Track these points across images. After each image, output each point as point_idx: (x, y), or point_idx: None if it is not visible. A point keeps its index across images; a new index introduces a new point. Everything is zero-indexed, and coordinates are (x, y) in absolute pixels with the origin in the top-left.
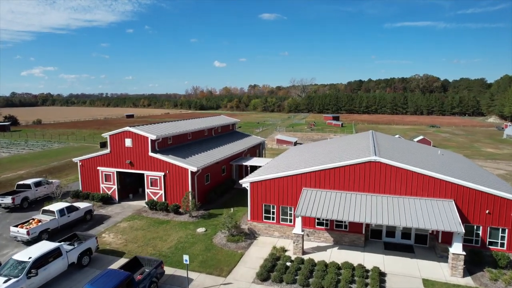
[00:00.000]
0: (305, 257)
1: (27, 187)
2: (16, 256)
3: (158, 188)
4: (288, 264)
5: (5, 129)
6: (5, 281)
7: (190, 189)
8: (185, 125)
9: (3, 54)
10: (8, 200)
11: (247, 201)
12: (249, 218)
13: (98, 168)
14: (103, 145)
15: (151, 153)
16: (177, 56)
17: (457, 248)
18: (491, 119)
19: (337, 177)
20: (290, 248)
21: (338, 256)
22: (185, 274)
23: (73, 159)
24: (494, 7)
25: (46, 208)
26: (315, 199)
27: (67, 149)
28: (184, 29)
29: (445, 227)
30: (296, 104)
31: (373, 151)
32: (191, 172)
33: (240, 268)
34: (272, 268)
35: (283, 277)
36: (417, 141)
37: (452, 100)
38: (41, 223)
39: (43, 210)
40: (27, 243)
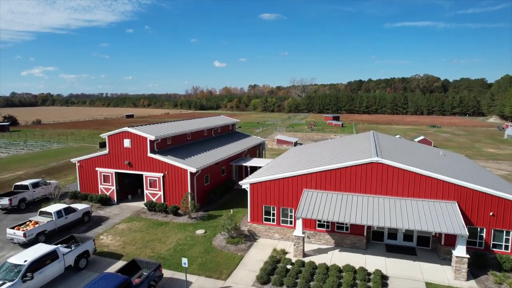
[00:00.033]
0: (305, 260)
1: (25, 188)
2: (11, 259)
3: (157, 189)
4: (289, 267)
5: (4, 129)
6: (0, 285)
7: (189, 190)
8: (184, 125)
9: (3, 54)
10: (5, 201)
11: (247, 202)
12: (249, 219)
13: (96, 169)
14: (103, 145)
15: (150, 154)
16: (177, 56)
17: (460, 251)
18: (492, 119)
19: (338, 179)
20: (291, 250)
21: (339, 258)
22: (184, 277)
23: (71, 159)
24: (494, 7)
25: (43, 209)
26: (316, 201)
27: (66, 149)
28: (184, 29)
29: (448, 229)
30: (296, 104)
31: (374, 152)
32: (191, 173)
33: (239, 271)
34: (273, 271)
35: (283, 280)
36: (418, 141)
37: (453, 100)
38: (38, 225)
39: (40, 211)
40: (24, 245)
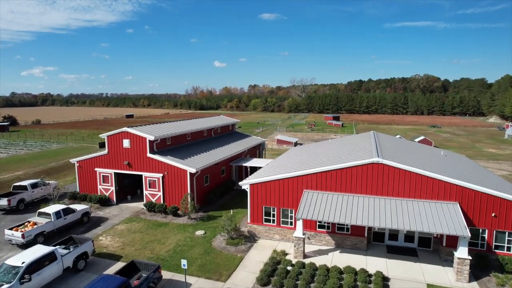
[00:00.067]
0: (306, 261)
1: (24, 188)
2: (8, 261)
3: (157, 189)
4: (289, 268)
5: (4, 129)
6: None
7: (189, 190)
8: (184, 125)
9: (3, 54)
10: (3, 202)
11: (247, 202)
12: (249, 220)
13: (95, 169)
14: (102, 145)
15: (149, 154)
16: (177, 56)
17: (462, 252)
18: (492, 119)
19: (339, 179)
20: (291, 251)
21: (340, 260)
22: (183, 279)
23: (70, 160)
24: (494, 7)
25: (42, 210)
26: (317, 202)
27: (66, 149)
28: (184, 29)
29: (450, 231)
30: (296, 104)
31: (375, 153)
32: (190, 173)
33: (239, 273)
34: (273, 272)
35: (283, 282)
36: (418, 141)
37: (453, 100)
38: (36, 226)
39: (39, 212)
40: (22, 246)
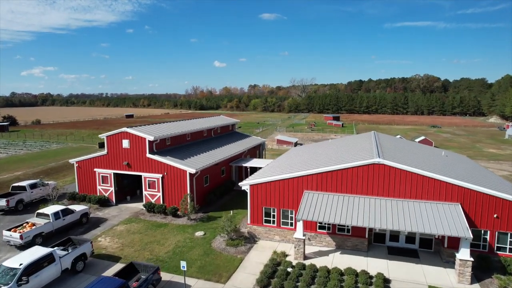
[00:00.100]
0: (306, 263)
1: (22, 189)
2: (6, 263)
3: (156, 190)
4: (289, 270)
5: (4, 130)
6: None
7: (188, 191)
8: (183, 125)
9: (3, 54)
10: (2, 203)
11: (247, 203)
12: (249, 221)
13: (95, 169)
14: (102, 145)
15: (148, 155)
16: (177, 56)
17: (464, 254)
18: (492, 119)
19: (340, 180)
20: (291, 252)
21: (340, 261)
22: (182, 280)
23: (69, 160)
24: (494, 7)
25: (40, 211)
26: (317, 203)
27: (66, 149)
28: (184, 29)
29: (452, 232)
30: (296, 104)
31: (376, 153)
32: (190, 174)
33: (239, 274)
34: (273, 274)
35: (284, 283)
36: (419, 141)
37: (453, 100)
38: (35, 226)
39: (37, 213)
40: (21, 247)
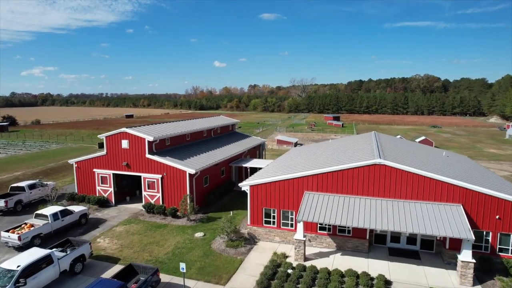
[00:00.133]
0: (307, 264)
1: (21, 189)
2: (4, 264)
3: (156, 190)
4: (290, 271)
5: (3, 130)
6: None
7: (188, 192)
8: (183, 126)
9: (3, 54)
10: (1, 203)
11: (247, 204)
12: (248, 222)
13: (94, 170)
14: (102, 145)
15: (148, 155)
16: (177, 56)
17: (466, 255)
18: (493, 119)
19: (340, 181)
20: (291, 254)
21: (341, 262)
22: (182, 282)
23: (69, 160)
24: (494, 7)
25: (39, 212)
26: (318, 203)
27: (65, 149)
28: (184, 29)
29: (454, 233)
30: (296, 104)
31: (377, 154)
32: (189, 174)
33: (239, 276)
34: (273, 275)
35: (284, 285)
36: (419, 141)
37: (453, 100)
38: (33, 227)
39: (36, 214)
40: (19, 248)
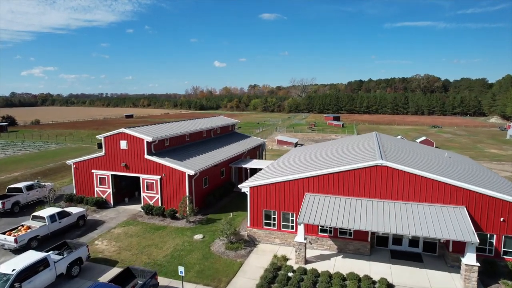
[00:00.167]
0: (307, 267)
1: (19, 190)
2: None
3: (155, 192)
4: (290, 274)
5: (2, 130)
6: None
7: (187, 193)
8: (182, 126)
9: (3, 54)
10: None
11: (247, 205)
12: (248, 224)
13: (92, 171)
14: (101, 146)
15: (147, 156)
16: (177, 56)
17: (470, 258)
18: (493, 119)
19: (341, 182)
20: (292, 256)
21: (342, 265)
22: (180, 285)
23: (67, 161)
24: (494, 7)
25: (36, 213)
26: (318, 205)
27: (64, 150)
28: (184, 29)
29: (457, 236)
30: (297, 104)
31: (379, 155)
32: (189, 175)
33: (239, 279)
34: (273, 279)
35: None
36: (420, 142)
37: (454, 100)
38: (30, 230)
39: (33, 215)
40: (15, 251)
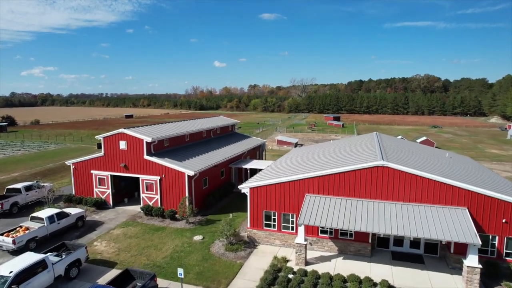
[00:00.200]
0: (308, 269)
1: (17, 191)
2: None
3: (154, 192)
4: (290, 276)
5: (2, 130)
6: None
7: (187, 194)
8: (182, 126)
9: (3, 54)
10: None
11: (247, 206)
12: (248, 225)
13: (91, 171)
14: (101, 146)
15: (146, 156)
16: (177, 56)
17: (472, 260)
18: (493, 119)
19: (342, 183)
20: (292, 258)
21: (343, 267)
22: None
23: (66, 162)
24: (494, 7)
25: (34, 214)
26: (319, 206)
27: (64, 150)
28: (184, 29)
29: (459, 238)
30: (297, 104)
31: (380, 155)
32: (188, 176)
33: (239, 281)
34: (273, 280)
35: None
36: (420, 142)
37: (454, 100)
38: (28, 231)
39: (31, 216)
40: (13, 252)
